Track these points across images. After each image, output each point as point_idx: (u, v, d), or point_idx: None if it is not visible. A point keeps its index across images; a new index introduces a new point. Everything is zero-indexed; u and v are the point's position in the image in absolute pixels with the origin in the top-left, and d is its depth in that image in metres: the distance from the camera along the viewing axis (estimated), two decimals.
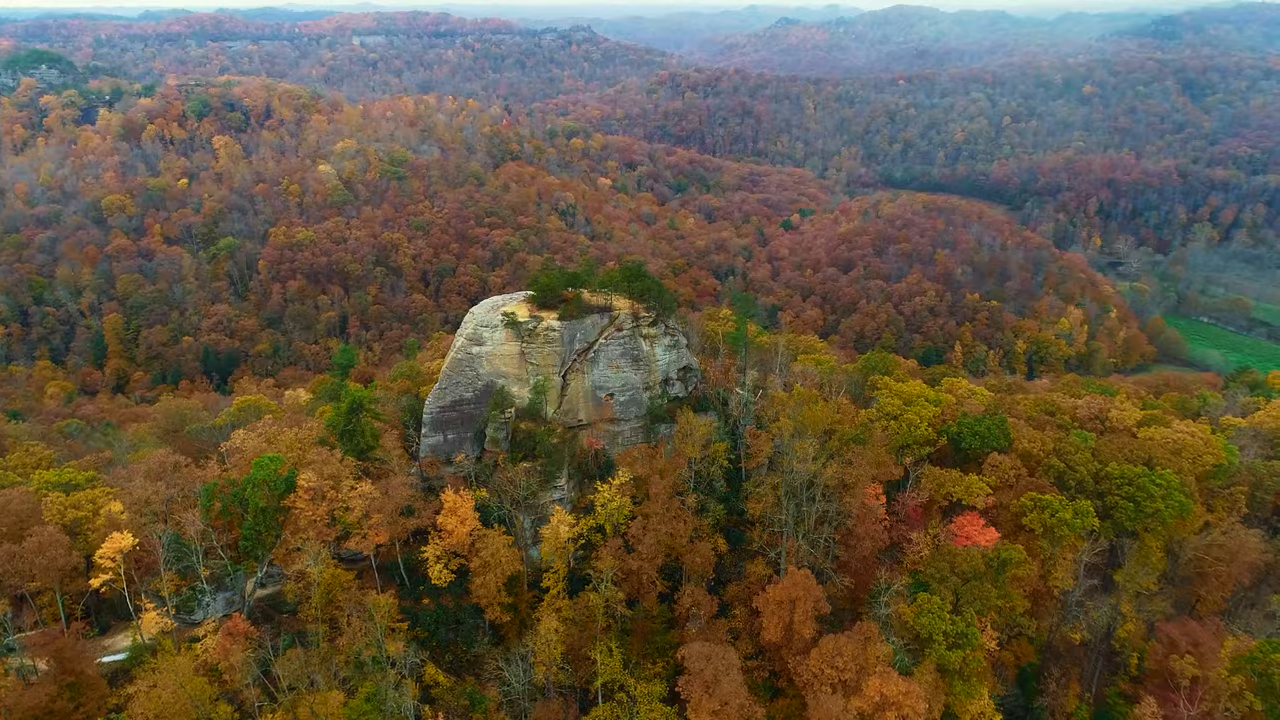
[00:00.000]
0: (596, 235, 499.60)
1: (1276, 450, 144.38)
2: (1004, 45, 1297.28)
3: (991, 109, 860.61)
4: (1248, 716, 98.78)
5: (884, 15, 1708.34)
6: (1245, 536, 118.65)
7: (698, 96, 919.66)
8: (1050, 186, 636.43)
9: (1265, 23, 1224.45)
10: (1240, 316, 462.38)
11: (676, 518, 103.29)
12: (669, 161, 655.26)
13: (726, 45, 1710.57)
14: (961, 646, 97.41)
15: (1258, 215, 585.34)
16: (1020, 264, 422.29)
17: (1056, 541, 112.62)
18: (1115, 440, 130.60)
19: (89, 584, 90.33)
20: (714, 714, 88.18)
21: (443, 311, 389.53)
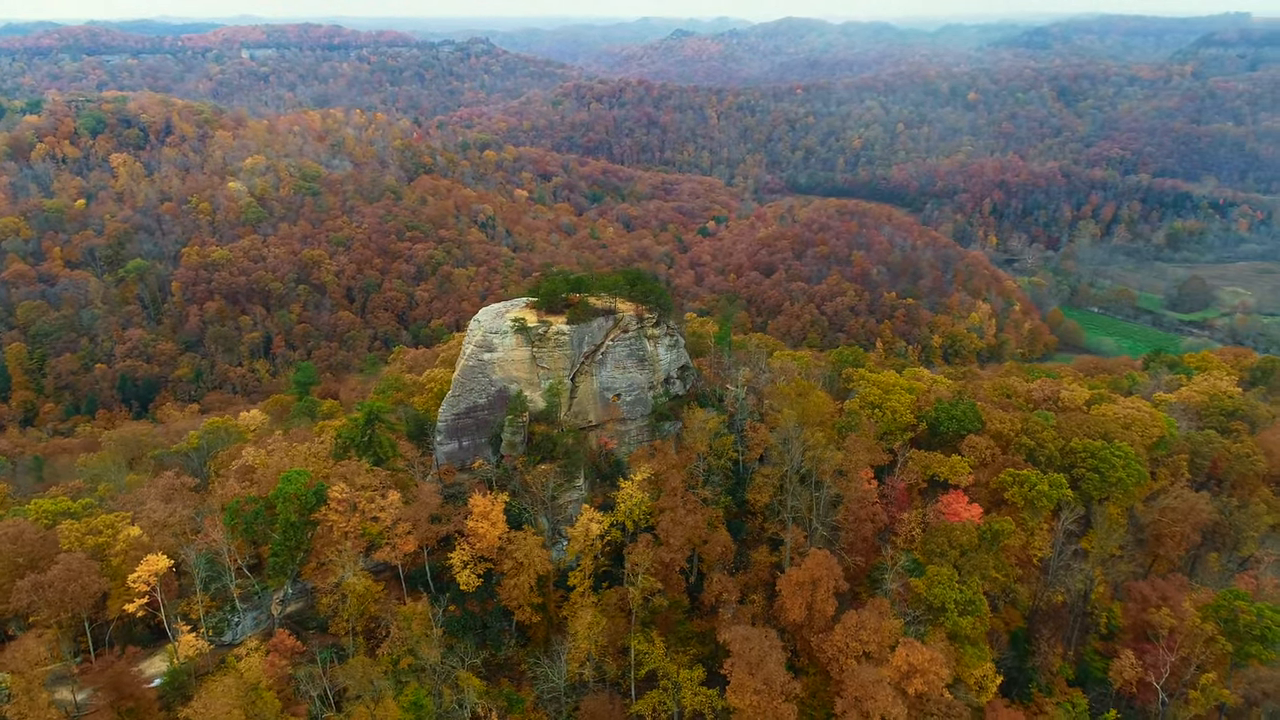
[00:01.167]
0: (519, 246, 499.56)
1: (1204, 421, 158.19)
2: (890, 55, 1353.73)
3: (885, 116, 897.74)
4: (1219, 658, 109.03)
5: (774, 27, 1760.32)
6: (1195, 499, 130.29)
7: (603, 107, 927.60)
8: (947, 189, 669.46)
9: (1123, 32, 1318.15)
10: (1127, 306, 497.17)
11: (695, 510, 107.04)
12: (583, 172, 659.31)
13: (623, 57, 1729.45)
14: (970, 613, 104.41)
15: (1134, 212, 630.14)
16: (930, 262, 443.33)
17: (1037, 512, 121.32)
18: (1074, 418, 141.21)
19: (124, 609, 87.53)
20: (758, 693, 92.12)
21: (371, 328, 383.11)
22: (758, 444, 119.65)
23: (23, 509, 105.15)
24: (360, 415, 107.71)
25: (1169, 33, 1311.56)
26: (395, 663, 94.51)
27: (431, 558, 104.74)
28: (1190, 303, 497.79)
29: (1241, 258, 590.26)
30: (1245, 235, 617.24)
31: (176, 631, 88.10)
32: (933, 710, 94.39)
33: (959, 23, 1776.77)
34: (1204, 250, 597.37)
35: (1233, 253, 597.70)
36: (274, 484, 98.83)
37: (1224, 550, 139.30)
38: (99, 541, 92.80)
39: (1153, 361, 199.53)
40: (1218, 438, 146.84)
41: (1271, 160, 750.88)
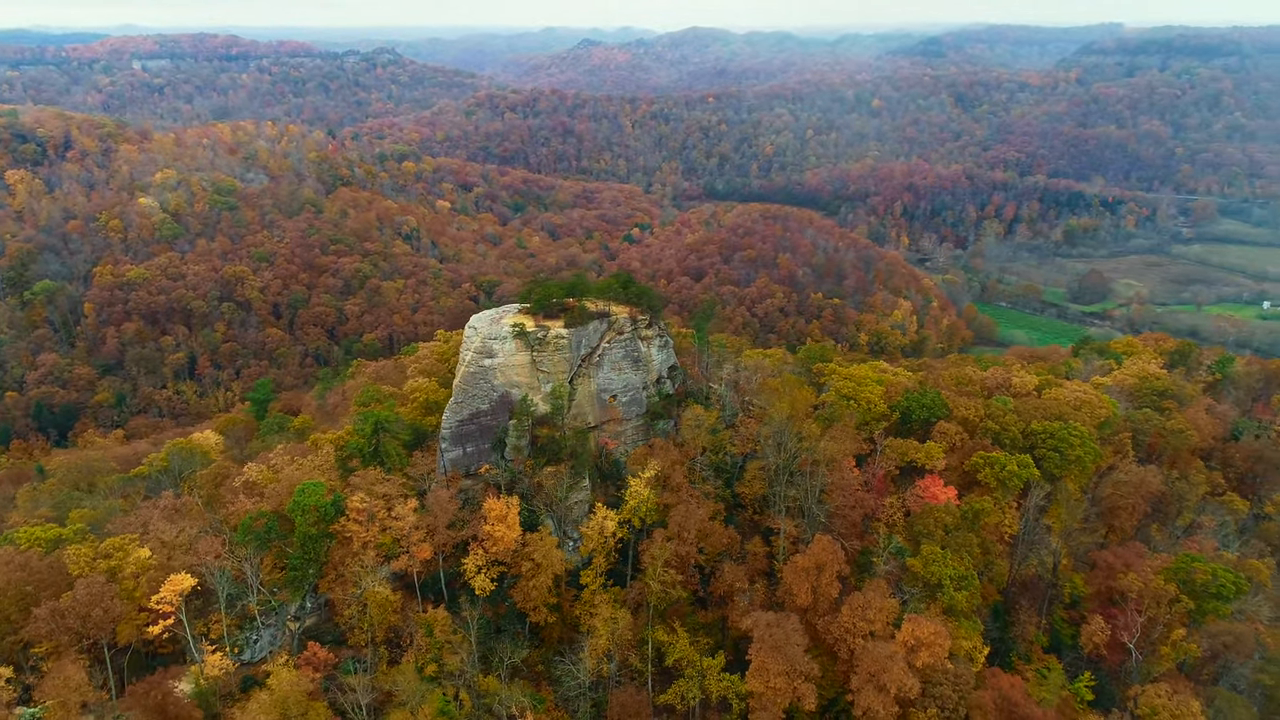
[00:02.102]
0: (445, 258, 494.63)
1: (1139, 401, 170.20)
2: (794, 64, 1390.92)
3: (795, 123, 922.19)
4: (1181, 616, 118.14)
5: (680, 36, 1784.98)
6: (1144, 473, 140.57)
7: (517, 117, 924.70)
8: (860, 192, 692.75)
9: (1011, 42, 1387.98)
10: (1033, 300, 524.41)
11: (700, 504, 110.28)
12: (503, 182, 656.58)
13: (531, 66, 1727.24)
14: (964, 588, 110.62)
15: (1033, 211, 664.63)
16: (852, 263, 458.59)
17: (1009, 492, 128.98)
18: (1029, 402, 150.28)
19: (148, 631, 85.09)
20: (782, 674, 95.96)
21: (301, 345, 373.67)
22: (748, 438, 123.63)
23: (9, 538, 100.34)
24: (366, 425, 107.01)
25: (1052, 42, 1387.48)
26: (419, 670, 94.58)
27: (443, 565, 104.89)
28: (1090, 295, 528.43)
29: (1131, 252, 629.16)
30: (1134, 231, 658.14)
31: (201, 651, 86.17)
32: (941, 680, 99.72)
33: (856, 32, 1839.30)
34: (1098, 246, 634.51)
35: (1123, 247, 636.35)
36: (284, 498, 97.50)
37: (1167, 520, 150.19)
38: (111, 565, 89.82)
39: (1082, 349, 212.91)
40: (1155, 416, 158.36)
41: (1151, 160, 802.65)
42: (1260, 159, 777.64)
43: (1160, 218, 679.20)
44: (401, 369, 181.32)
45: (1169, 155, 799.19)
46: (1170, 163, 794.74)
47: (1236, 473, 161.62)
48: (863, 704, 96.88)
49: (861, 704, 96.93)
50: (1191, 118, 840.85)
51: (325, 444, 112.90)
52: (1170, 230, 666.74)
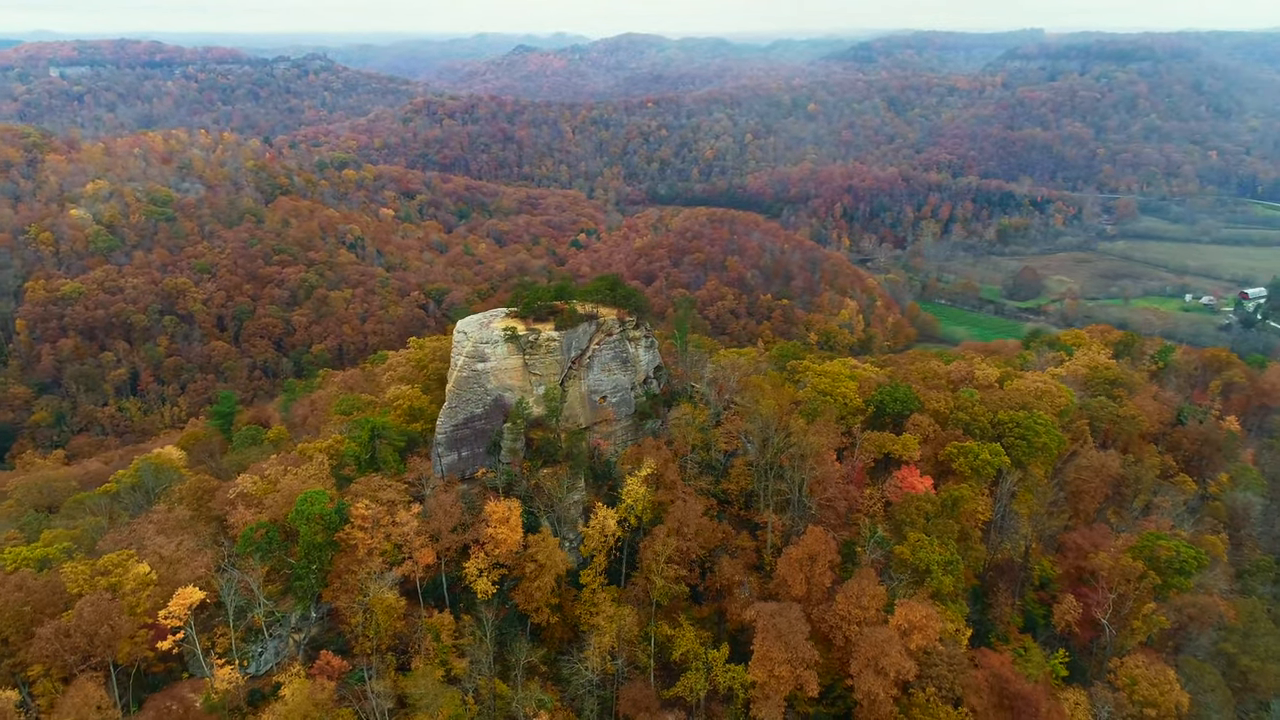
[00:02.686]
0: (391, 266, 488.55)
1: (1093, 390, 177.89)
2: (729, 69, 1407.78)
3: (734, 127, 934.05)
4: (1147, 591, 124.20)
5: (615, 42, 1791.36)
6: (1104, 457, 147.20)
7: (456, 124, 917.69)
8: (801, 195, 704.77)
9: (938, 48, 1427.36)
10: (971, 297, 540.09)
11: (695, 501, 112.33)
12: (447, 189, 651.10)
13: (467, 73, 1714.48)
14: (950, 572, 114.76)
15: (967, 211, 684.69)
16: (799, 265, 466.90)
17: (982, 480, 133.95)
18: (994, 393, 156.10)
19: (156, 646, 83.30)
20: (785, 663, 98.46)
21: (248, 357, 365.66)
22: (733, 435, 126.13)
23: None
24: (363, 432, 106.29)
25: (977, 48, 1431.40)
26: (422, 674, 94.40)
27: (445, 569, 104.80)
28: (1025, 292, 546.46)
29: (1061, 249, 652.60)
30: (1062, 229, 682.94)
31: (210, 665, 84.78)
32: (936, 661, 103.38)
33: (789, 38, 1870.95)
34: (1029, 244, 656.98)
35: (1053, 245, 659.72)
36: (284, 508, 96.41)
37: (1124, 502, 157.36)
38: (111, 581, 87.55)
39: (1033, 341, 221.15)
40: (1109, 403, 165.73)
41: (1075, 161, 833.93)
42: (1176, 159, 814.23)
43: (1086, 216, 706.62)
44: (371, 378, 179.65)
45: (1091, 156, 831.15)
46: (1093, 163, 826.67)
47: (1184, 455, 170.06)
48: (864, 688, 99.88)
49: (863, 688, 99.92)
50: (1111, 120, 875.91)
51: (316, 453, 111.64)
52: (1096, 228, 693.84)
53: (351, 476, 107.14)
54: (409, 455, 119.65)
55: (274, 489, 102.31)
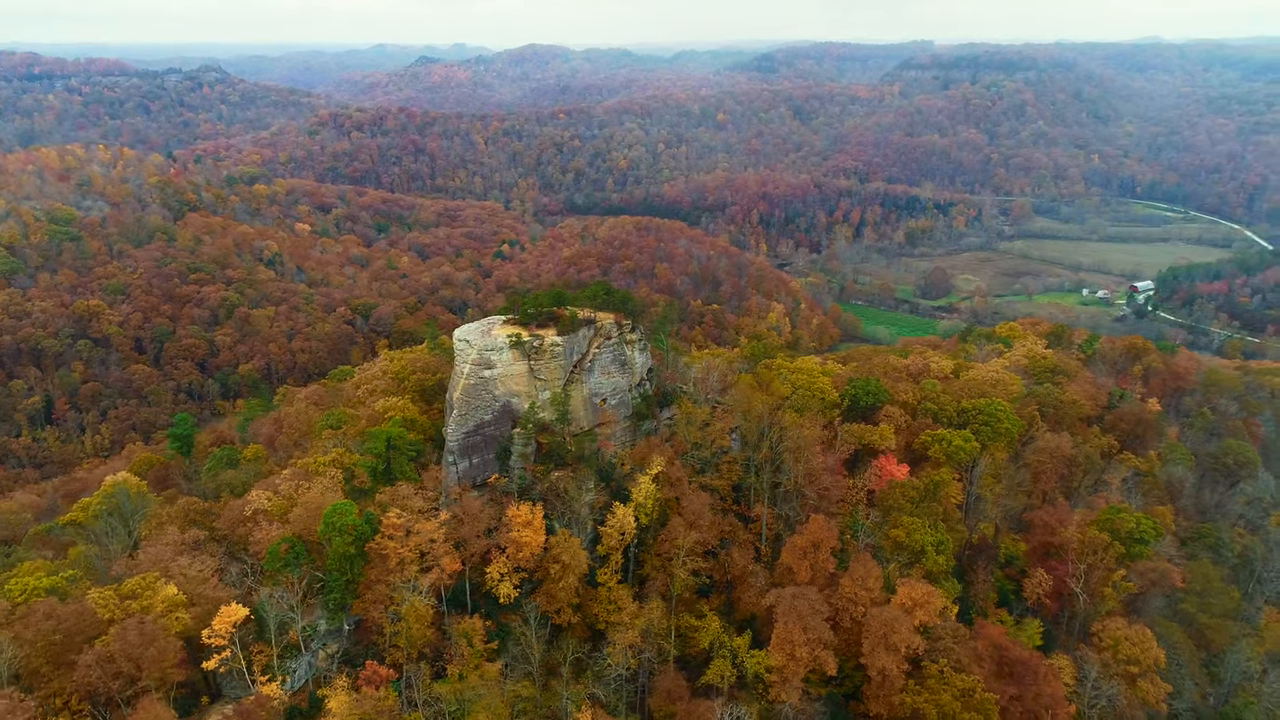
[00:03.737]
0: (313, 282, 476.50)
1: (1036, 378, 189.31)
2: (636, 80, 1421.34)
3: (646, 137, 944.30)
4: (1111, 561, 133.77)
5: (519, 53, 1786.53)
6: (1059, 439, 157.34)
7: (365, 136, 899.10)
8: (718, 202, 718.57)
9: (836, 58, 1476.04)
10: (888, 297, 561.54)
11: (702, 496, 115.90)
12: (363, 203, 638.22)
13: (368, 84, 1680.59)
14: (942, 552, 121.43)
15: (876, 215, 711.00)
16: (726, 270, 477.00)
17: (957, 465, 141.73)
18: (955, 383, 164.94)
19: (204, 666, 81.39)
20: (805, 644, 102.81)
21: (172, 380, 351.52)
22: (725, 431, 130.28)
23: (3, 592, 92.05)
24: (378, 443, 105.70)
25: (871, 58, 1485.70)
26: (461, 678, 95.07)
27: (468, 575, 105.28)
28: (936, 291, 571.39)
29: (965, 249, 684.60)
30: (964, 230, 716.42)
31: (255, 682, 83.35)
32: (941, 634, 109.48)
33: (692, 49, 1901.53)
34: (935, 245, 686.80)
35: (958, 245, 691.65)
36: (308, 522, 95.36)
37: (1074, 481, 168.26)
38: (142, 604, 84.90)
39: (969, 335, 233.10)
40: (1054, 389, 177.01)
41: (971, 166, 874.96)
42: (1062, 163, 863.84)
43: (985, 217, 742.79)
44: (337, 393, 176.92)
45: (986, 161, 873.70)
46: (987, 167, 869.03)
47: (1122, 435, 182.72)
48: (877, 664, 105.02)
49: (876, 665, 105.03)
50: (1002, 126, 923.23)
51: (326, 467, 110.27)
52: (995, 229, 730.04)
53: (365, 488, 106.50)
54: (414, 465, 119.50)
55: (291, 504, 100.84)
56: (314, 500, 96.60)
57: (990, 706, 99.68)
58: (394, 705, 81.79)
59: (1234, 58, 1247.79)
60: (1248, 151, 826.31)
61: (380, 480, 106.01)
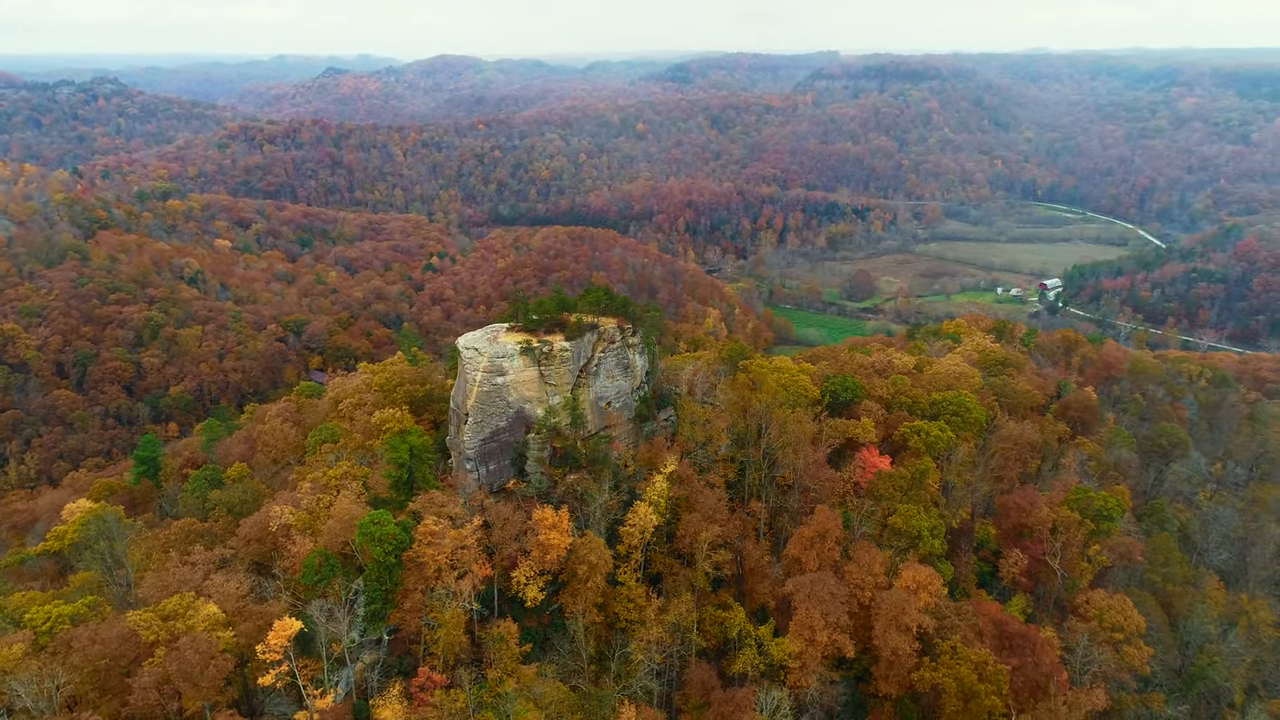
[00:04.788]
0: (240, 299, 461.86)
1: (989, 371, 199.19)
2: (552, 90, 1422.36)
3: (567, 147, 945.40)
4: (1084, 537, 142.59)
5: (431, 64, 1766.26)
6: (1021, 427, 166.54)
7: (278, 149, 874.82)
8: (644, 211, 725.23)
9: (747, 68, 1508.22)
10: (815, 300, 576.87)
11: (712, 493, 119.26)
12: (283, 217, 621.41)
13: (273, 96, 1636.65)
14: (937, 535, 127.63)
15: (798, 221, 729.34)
16: (662, 277, 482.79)
17: (936, 454, 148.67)
18: (920, 378, 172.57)
19: (260, 681, 79.96)
20: (826, 628, 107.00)
21: (99, 405, 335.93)
22: (721, 430, 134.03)
23: (26, 622, 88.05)
24: (401, 453, 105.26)
25: (781, 68, 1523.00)
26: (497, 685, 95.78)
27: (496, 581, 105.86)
28: (860, 293, 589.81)
29: (884, 252, 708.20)
30: (882, 234, 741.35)
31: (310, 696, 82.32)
32: (947, 613, 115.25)
33: (604, 60, 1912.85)
34: (856, 249, 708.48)
35: (876, 249, 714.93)
36: (341, 534, 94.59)
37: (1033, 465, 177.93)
38: (187, 624, 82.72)
39: (916, 333, 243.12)
40: (1010, 380, 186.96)
41: (883, 172, 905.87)
42: (969, 168, 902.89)
43: (900, 221, 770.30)
44: (308, 409, 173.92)
45: (898, 167, 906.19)
46: (899, 173, 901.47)
47: (1071, 421, 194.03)
48: (890, 645, 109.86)
49: (889, 645, 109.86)
50: (911, 133, 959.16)
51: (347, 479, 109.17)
52: (910, 232, 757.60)
53: (387, 499, 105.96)
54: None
55: (315, 518, 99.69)
56: (345, 512, 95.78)
57: (1002, 677, 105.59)
58: (464, 707, 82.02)
59: (1118, 68, 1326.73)
60: (1136, 155, 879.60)
61: (402, 490, 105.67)
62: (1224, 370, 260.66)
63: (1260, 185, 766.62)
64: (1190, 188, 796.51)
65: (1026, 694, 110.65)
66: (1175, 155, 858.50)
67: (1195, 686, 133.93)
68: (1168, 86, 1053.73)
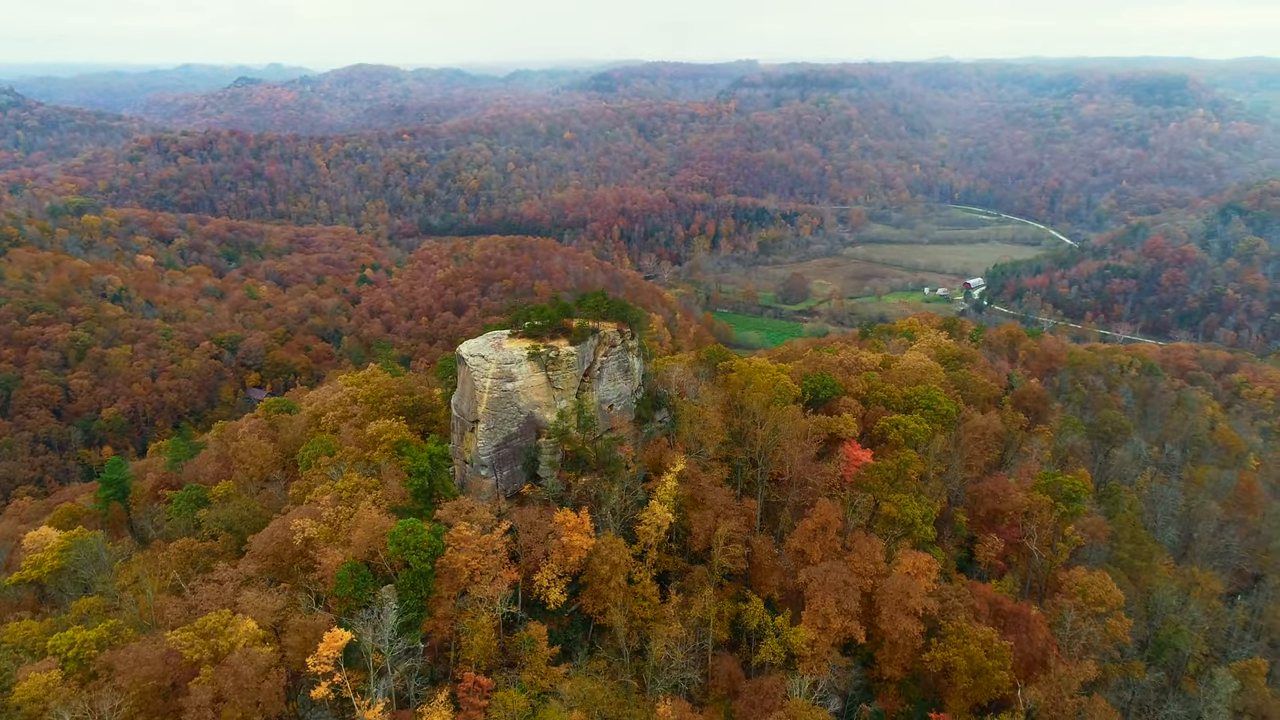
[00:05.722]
0: (168, 316, 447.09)
1: (947, 366, 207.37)
2: (475, 99, 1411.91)
3: (495, 156, 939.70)
4: (1056, 520, 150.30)
5: (348, 73, 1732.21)
6: (988, 418, 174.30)
7: (194, 161, 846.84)
8: (578, 219, 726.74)
9: (669, 77, 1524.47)
10: (752, 304, 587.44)
11: (723, 490, 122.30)
12: (207, 231, 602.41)
13: (182, 107, 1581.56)
14: (929, 522, 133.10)
15: (729, 227, 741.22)
16: (604, 284, 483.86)
17: (915, 446, 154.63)
18: (889, 374, 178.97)
19: (313, 695, 78.82)
20: (839, 615, 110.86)
21: (26, 430, 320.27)
22: (718, 429, 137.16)
23: (52, 648, 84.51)
24: (422, 463, 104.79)
25: (702, 77, 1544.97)
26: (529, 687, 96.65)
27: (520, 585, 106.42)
28: (795, 296, 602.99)
29: (813, 256, 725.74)
30: (811, 238, 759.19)
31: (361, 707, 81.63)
32: (947, 596, 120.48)
33: (525, 69, 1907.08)
34: (786, 253, 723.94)
35: (806, 253, 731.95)
36: (371, 545, 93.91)
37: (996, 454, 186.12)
38: (230, 641, 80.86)
39: (869, 331, 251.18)
40: (970, 374, 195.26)
41: (808, 177, 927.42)
42: (889, 173, 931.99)
43: (828, 226, 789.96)
44: (280, 424, 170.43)
45: (821, 173, 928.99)
46: (823, 179, 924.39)
47: (1026, 411, 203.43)
48: (899, 628, 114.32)
49: (898, 628, 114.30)
50: (833, 140, 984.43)
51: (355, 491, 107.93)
52: (837, 236, 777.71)
53: (407, 508, 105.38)
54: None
55: (338, 530, 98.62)
56: (374, 522, 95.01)
57: (1006, 653, 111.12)
58: (524, 707, 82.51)
59: (1021, 75, 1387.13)
60: (1044, 159, 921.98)
61: (421, 499, 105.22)
62: (1152, 360, 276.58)
63: (1159, 186, 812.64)
64: (1095, 189, 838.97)
65: (1025, 668, 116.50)
66: (1080, 159, 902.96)
67: (1163, 654, 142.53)
68: (1069, 93, 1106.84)
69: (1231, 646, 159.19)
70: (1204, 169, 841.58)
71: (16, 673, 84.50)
